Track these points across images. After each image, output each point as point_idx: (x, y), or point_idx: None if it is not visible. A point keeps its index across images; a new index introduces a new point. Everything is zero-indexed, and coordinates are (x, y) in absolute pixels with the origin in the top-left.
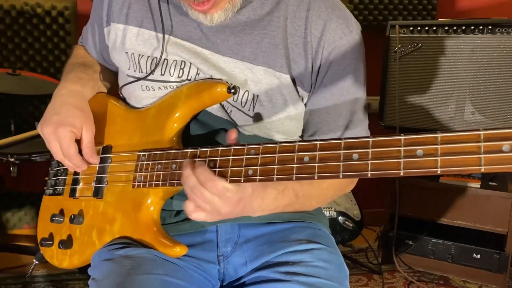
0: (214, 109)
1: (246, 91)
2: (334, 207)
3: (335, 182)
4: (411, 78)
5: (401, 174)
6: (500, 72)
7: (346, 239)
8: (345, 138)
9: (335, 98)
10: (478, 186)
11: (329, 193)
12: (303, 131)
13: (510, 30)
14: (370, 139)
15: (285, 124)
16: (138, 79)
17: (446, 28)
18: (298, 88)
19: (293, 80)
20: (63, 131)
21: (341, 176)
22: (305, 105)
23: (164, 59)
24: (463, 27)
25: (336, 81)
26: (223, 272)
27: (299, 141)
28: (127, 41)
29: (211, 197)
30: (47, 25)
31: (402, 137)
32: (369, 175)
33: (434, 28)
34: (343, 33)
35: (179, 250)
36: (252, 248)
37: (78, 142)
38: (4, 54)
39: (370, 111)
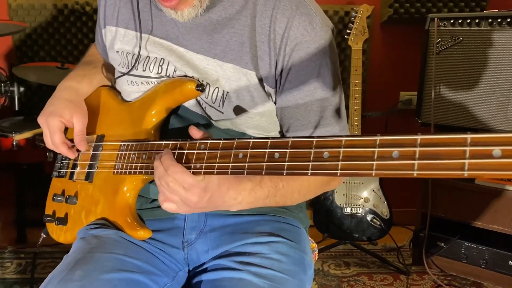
0: (191, 105)
1: (216, 87)
2: (363, 204)
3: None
4: (450, 74)
5: (373, 174)
6: None
7: (373, 237)
8: (318, 137)
9: (303, 95)
10: None
11: (311, 187)
12: (280, 127)
13: None
14: (343, 138)
15: (255, 119)
16: (124, 74)
17: (490, 20)
18: (265, 84)
19: (260, 77)
20: (52, 120)
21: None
22: (276, 102)
23: (146, 57)
24: (509, 20)
25: (302, 79)
26: (187, 258)
27: (254, 138)
28: (118, 42)
29: (176, 188)
30: (95, 22)
31: (378, 138)
32: (338, 174)
33: (477, 20)
34: (306, 30)
35: (143, 234)
36: (215, 237)
37: (72, 131)
38: (57, 49)
39: (410, 107)
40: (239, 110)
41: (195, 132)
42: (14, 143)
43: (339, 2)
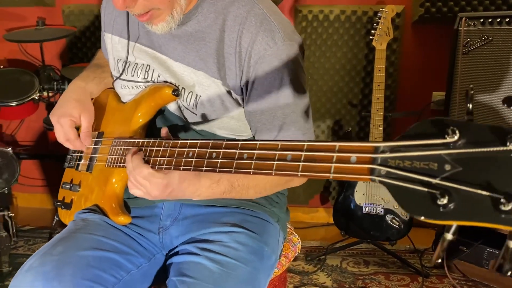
0: (172, 108)
1: (190, 92)
2: (383, 204)
3: (274, 177)
4: (480, 74)
5: (273, 174)
6: None
7: (392, 237)
8: (242, 140)
9: (267, 103)
10: None
11: (267, 186)
12: (250, 129)
13: None
14: (258, 142)
15: (224, 122)
16: (116, 78)
17: None
18: (232, 92)
19: (227, 86)
20: (64, 119)
21: (233, 171)
22: (244, 107)
23: (135, 63)
24: None
25: (265, 88)
26: (162, 241)
27: (213, 140)
28: (114, 48)
29: (142, 181)
30: None
31: (280, 143)
32: (251, 173)
33: (507, 19)
34: (268, 45)
35: (123, 219)
36: (186, 224)
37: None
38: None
39: (442, 107)
40: (210, 113)
41: (163, 132)
42: None
43: (368, 3)
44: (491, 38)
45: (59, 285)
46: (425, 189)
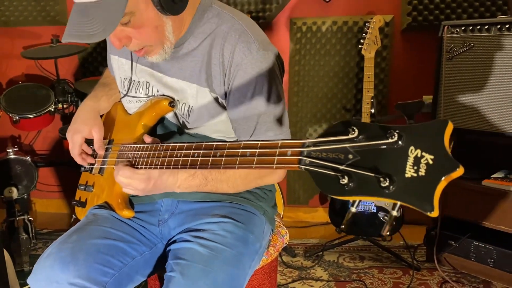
0: (170, 117)
1: (184, 103)
2: (375, 202)
3: (241, 173)
4: (463, 79)
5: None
6: None
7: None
8: (215, 141)
9: (243, 107)
10: None
11: (238, 181)
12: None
13: None
14: (227, 143)
15: (218, 125)
16: (124, 95)
17: (499, 26)
18: (218, 98)
19: (214, 93)
20: (75, 136)
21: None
22: (227, 111)
23: (138, 82)
24: None
25: (242, 93)
26: (161, 232)
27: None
28: (118, 68)
29: (128, 181)
30: None
31: (243, 143)
32: (221, 167)
33: (487, 27)
34: (244, 54)
35: (127, 213)
36: (182, 217)
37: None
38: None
39: (428, 110)
40: (201, 119)
41: (146, 138)
42: None
43: (359, 13)
44: (472, 44)
45: (74, 267)
46: (334, 173)
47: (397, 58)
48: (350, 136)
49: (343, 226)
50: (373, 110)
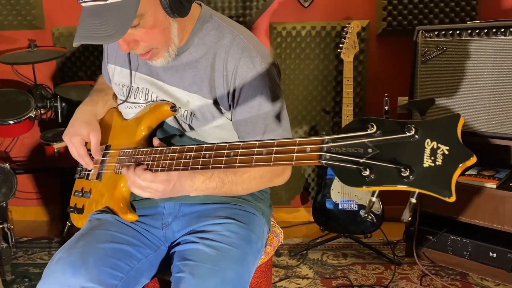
0: (171, 121)
1: (186, 110)
2: (356, 201)
3: (256, 174)
4: (437, 81)
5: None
6: None
7: (366, 230)
8: (229, 142)
9: (249, 114)
10: (494, 186)
11: (252, 183)
12: (238, 137)
13: None
14: (241, 143)
15: (216, 132)
16: (123, 101)
17: (469, 31)
18: (221, 107)
19: (216, 102)
20: (75, 139)
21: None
22: (232, 120)
23: (137, 88)
24: (486, 30)
25: (248, 102)
26: (165, 235)
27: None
28: (116, 76)
29: (148, 184)
30: None
31: (258, 142)
32: (236, 166)
33: (458, 31)
34: (249, 68)
35: (131, 217)
36: (185, 220)
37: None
38: (92, 70)
39: (405, 111)
40: (202, 125)
41: (154, 141)
42: (55, 150)
43: (336, 19)
44: (445, 48)
45: (86, 271)
46: (355, 166)
47: (373, 61)
48: (369, 131)
49: (366, 215)
50: (386, 108)
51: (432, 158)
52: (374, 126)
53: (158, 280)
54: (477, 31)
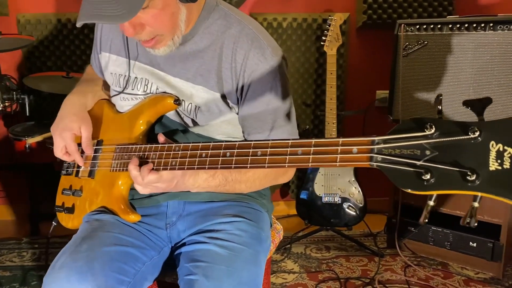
0: (172, 115)
1: (190, 103)
2: (340, 194)
3: (261, 173)
4: (418, 74)
5: (286, 166)
6: (502, 68)
7: (349, 223)
8: (255, 140)
9: (259, 108)
10: None
11: (256, 181)
12: (243, 132)
13: (511, 27)
14: (270, 141)
15: (222, 127)
16: (119, 92)
17: (450, 26)
18: (228, 101)
19: (224, 95)
20: (66, 133)
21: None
22: (238, 113)
23: (135, 78)
24: (466, 25)
25: (257, 96)
26: (169, 236)
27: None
28: (110, 65)
29: (148, 183)
30: None
31: (290, 141)
32: (266, 167)
33: (439, 26)
34: (259, 60)
35: (134, 217)
36: (191, 219)
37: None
38: (62, 60)
39: (385, 104)
40: (208, 120)
41: (160, 137)
42: (27, 146)
43: (317, 11)
44: (426, 42)
45: (92, 277)
46: (412, 169)
47: (353, 54)
48: (427, 132)
49: (422, 220)
50: (440, 107)
51: (499, 161)
52: (433, 127)
53: (157, 282)
54: (458, 25)
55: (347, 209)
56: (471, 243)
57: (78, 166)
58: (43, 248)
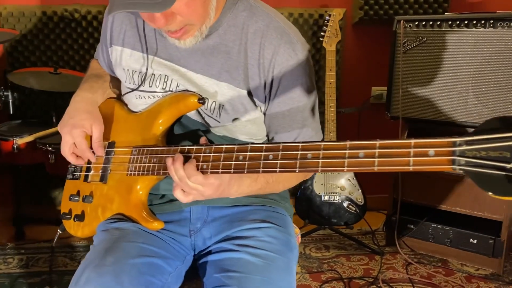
0: (192, 115)
1: (214, 101)
2: (339, 192)
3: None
4: (416, 71)
5: (345, 170)
6: (501, 65)
7: (350, 221)
8: (302, 142)
9: (288, 106)
10: None
11: (292, 180)
12: (268, 132)
13: (511, 24)
14: (322, 143)
15: (247, 127)
16: (133, 90)
17: (450, 22)
18: (255, 99)
19: (250, 93)
20: (76, 131)
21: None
22: (265, 113)
23: (152, 74)
24: (466, 22)
25: (287, 93)
26: (193, 243)
27: (266, 143)
28: (123, 60)
29: (195, 186)
30: (83, 28)
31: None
32: (319, 171)
33: (438, 22)
34: (290, 56)
35: (157, 225)
36: (217, 225)
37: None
38: (48, 55)
39: (381, 101)
40: (233, 119)
41: (202, 140)
42: (15, 146)
43: (313, 6)
44: (425, 39)
45: None
46: (502, 173)
47: (349, 51)
48: None
49: None
50: None
51: None
52: None
53: None
54: (458, 22)
55: (347, 208)
56: (471, 239)
57: (87, 170)
58: (30, 254)
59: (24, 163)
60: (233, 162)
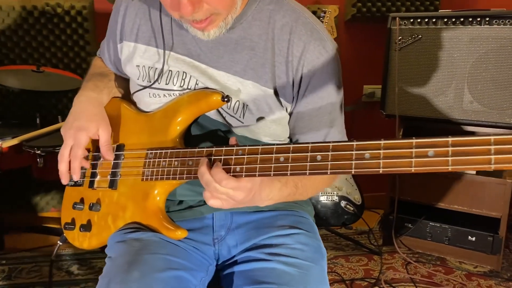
0: (212, 114)
1: (237, 100)
2: (337, 192)
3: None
4: (411, 69)
5: (412, 171)
6: (497, 63)
7: (347, 221)
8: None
9: (317, 106)
10: (474, 172)
11: (319, 185)
12: (292, 133)
13: (506, 21)
14: (382, 142)
15: (271, 128)
16: (145, 87)
17: (445, 20)
18: (281, 99)
19: (277, 92)
20: (81, 134)
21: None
22: (291, 113)
23: (169, 71)
24: (462, 19)
25: (316, 92)
26: (218, 253)
27: (312, 143)
28: (137, 56)
29: (225, 191)
30: (67, 23)
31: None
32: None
33: (434, 20)
34: (320, 53)
35: (180, 234)
36: (242, 232)
37: (97, 141)
38: (28, 52)
39: (373, 99)
40: (258, 120)
41: (232, 140)
42: None
43: (306, 2)
44: (420, 36)
45: None
46: None
47: (341, 48)
48: None
49: None
50: None
51: None
52: None
53: None
54: (453, 19)
55: (344, 208)
56: (470, 237)
57: (92, 176)
58: (12, 265)
59: (5, 168)
60: (272, 165)
